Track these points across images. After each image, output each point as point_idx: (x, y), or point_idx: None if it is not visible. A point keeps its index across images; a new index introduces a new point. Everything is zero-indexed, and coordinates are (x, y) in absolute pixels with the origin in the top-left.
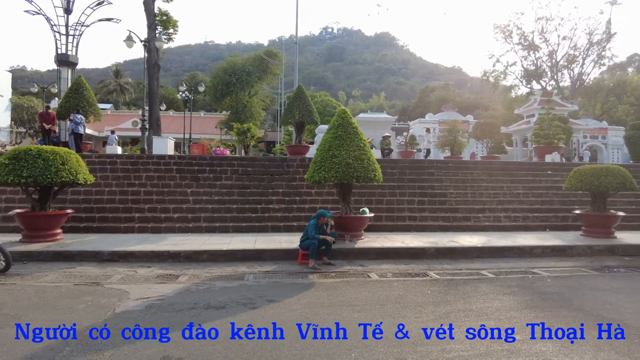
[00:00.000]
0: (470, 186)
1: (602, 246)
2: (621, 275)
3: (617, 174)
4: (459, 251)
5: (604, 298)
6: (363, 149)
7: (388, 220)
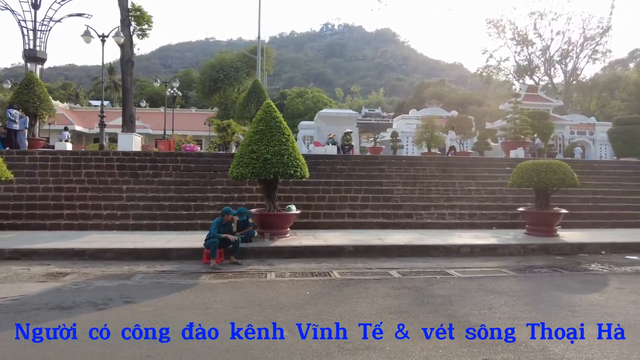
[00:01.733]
0: (420, 182)
1: (536, 245)
2: (536, 277)
3: (558, 170)
4: (379, 249)
5: (490, 302)
6: (285, 144)
7: (326, 218)
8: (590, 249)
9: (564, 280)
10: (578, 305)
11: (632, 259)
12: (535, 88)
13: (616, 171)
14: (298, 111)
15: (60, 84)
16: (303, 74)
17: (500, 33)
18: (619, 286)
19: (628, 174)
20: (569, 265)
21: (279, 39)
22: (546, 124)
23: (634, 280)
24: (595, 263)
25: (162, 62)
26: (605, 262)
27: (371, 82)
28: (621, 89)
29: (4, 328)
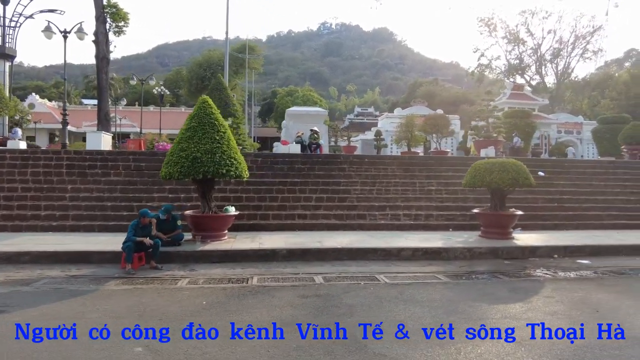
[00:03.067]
0: (379, 182)
1: (484, 249)
2: (468, 284)
3: (510, 169)
4: (315, 253)
5: (397, 313)
6: (218, 142)
7: (275, 219)
8: (542, 252)
9: (495, 288)
10: (491, 318)
11: (582, 263)
12: (521, 86)
13: (586, 171)
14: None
15: (53, 82)
16: (299, 73)
17: (491, 32)
18: (549, 294)
19: (598, 173)
20: (513, 270)
21: (276, 38)
22: (528, 122)
23: (569, 288)
24: (542, 268)
25: (159, 61)
26: (553, 267)
27: (367, 81)
28: (611, 88)
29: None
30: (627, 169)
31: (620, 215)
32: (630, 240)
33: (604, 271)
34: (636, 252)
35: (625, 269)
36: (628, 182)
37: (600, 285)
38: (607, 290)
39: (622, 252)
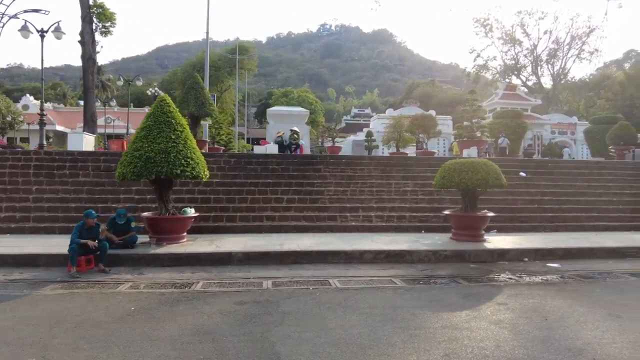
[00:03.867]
0: (354, 183)
1: (450, 252)
2: (422, 289)
3: (480, 169)
4: (273, 256)
5: (330, 322)
6: (174, 141)
7: (243, 221)
8: (512, 255)
9: (449, 293)
10: (429, 327)
11: (551, 267)
12: (513, 87)
13: (570, 171)
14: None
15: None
16: (299, 75)
17: (487, 32)
18: (502, 301)
19: (583, 174)
20: (476, 274)
21: (276, 40)
22: (519, 122)
23: (527, 294)
24: (508, 272)
25: (158, 63)
26: (519, 271)
27: (367, 83)
28: (607, 88)
29: None
30: (612, 170)
31: (601, 217)
32: (606, 242)
33: (571, 275)
34: (610, 254)
35: (594, 272)
36: (612, 183)
37: (560, 290)
38: (565, 296)
39: (596, 255)
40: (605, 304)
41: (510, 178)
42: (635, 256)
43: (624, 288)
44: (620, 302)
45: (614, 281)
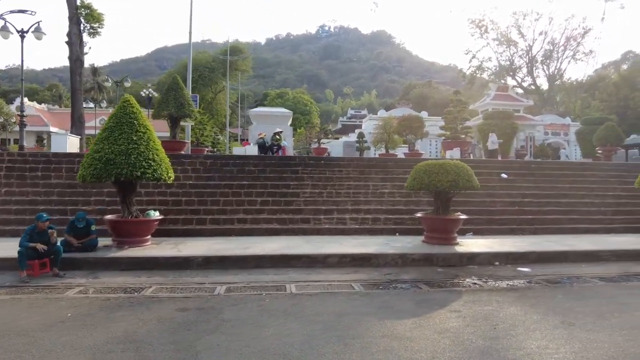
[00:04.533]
0: (332, 185)
1: (418, 255)
2: (379, 294)
3: (451, 171)
4: (234, 260)
5: (258, 331)
6: (136, 142)
7: (213, 224)
8: (482, 259)
9: (403, 300)
10: (368, 336)
11: (521, 271)
12: (506, 87)
13: (553, 173)
14: None
15: (48, 85)
16: (297, 76)
17: (482, 33)
18: (457, 308)
19: (566, 175)
20: (440, 279)
21: (275, 41)
22: (509, 123)
23: (485, 300)
24: (474, 277)
25: (157, 64)
26: (486, 276)
27: (365, 84)
28: (601, 89)
29: None
30: (596, 171)
31: (582, 219)
32: (581, 245)
33: (538, 280)
34: (584, 258)
35: (563, 277)
36: (595, 184)
37: (521, 297)
38: (524, 302)
39: (569, 258)
40: (562, 310)
41: (491, 180)
42: (609, 259)
43: (588, 294)
44: (578, 309)
45: (581, 286)
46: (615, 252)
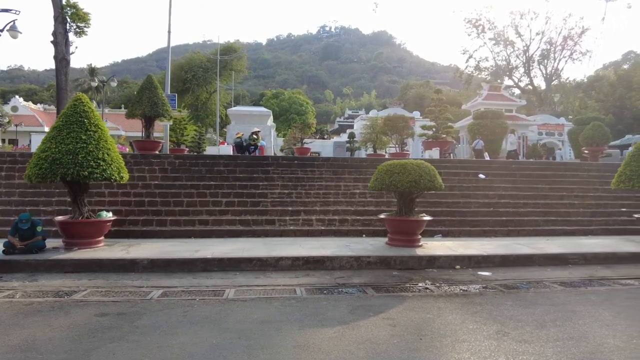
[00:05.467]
0: (302, 185)
1: (374, 258)
2: (319, 299)
3: (412, 171)
4: (179, 263)
5: (169, 335)
6: (85, 142)
7: (173, 225)
8: (442, 262)
9: (337, 306)
10: (277, 347)
11: (481, 275)
12: (498, 87)
13: (534, 173)
14: (274, 113)
15: (47, 86)
16: (297, 76)
17: (479, 33)
18: (391, 316)
19: (547, 176)
20: (392, 283)
21: (276, 42)
22: (498, 123)
23: (427, 307)
24: (427, 281)
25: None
26: (442, 280)
27: (365, 85)
28: (597, 89)
29: None
30: (579, 172)
31: (559, 221)
32: (550, 248)
33: (495, 285)
34: (551, 261)
35: (523, 282)
36: (575, 185)
37: (468, 303)
38: (467, 310)
39: (535, 262)
40: (503, 319)
41: (468, 180)
42: (577, 263)
43: (540, 300)
44: (521, 317)
45: (537, 292)
46: (584, 255)
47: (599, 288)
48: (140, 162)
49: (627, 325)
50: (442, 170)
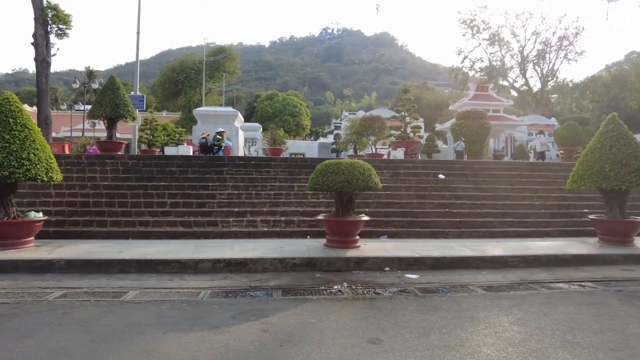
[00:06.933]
0: (254, 186)
1: (299, 260)
2: (207, 304)
3: (345, 171)
4: (97, 264)
5: (26, 337)
6: (8, 142)
7: (114, 226)
8: (371, 264)
9: (227, 309)
10: (123, 351)
11: (407, 278)
12: (485, 87)
13: (498, 173)
14: (267, 114)
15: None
16: (298, 78)
17: (474, 34)
18: (270, 322)
19: (512, 176)
20: (308, 286)
21: (279, 44)
22: (481, 123)
23: (321, 311)
24: (345, 283)
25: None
26: (362, 282)
27: (366, 86)
28: (592, 90)
29: None
30: (545, 172)
31: (515, 222)
32: (493, 251)
33: (414, 288)
34: (489, 264)
35: (447, 285)
36: (540, 185)
37: (367, 307)
38: (361, 315)
39: (471, 264)
40: (388, 326)
41: (427, 180)
42: (516, 266)
43: (446, 305)
44: (409, 324)
45: (452, 296)
46: (525, 258)
47: (521, 292)
48: (94, 163)
49: (516, 332)
50: (402, 171)
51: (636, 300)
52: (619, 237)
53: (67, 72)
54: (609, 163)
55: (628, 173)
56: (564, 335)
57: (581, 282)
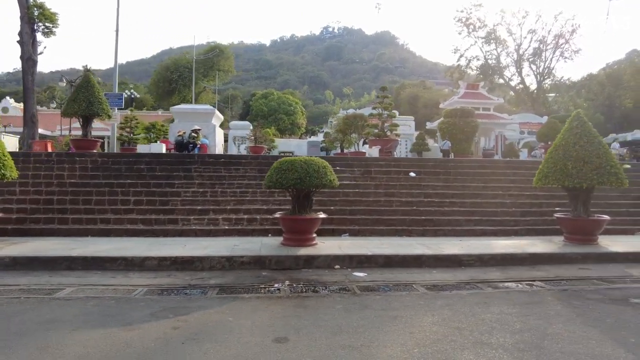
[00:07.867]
0: (221, 184)
1: (247, 258)
2: (137, 300)
3: (298, 168)
4: (43, 261)
5: None
6: None
7: (75, 223)
8: (321, 262)
9: (148, 307)
10: (18, 348)
11: (354, 276)
12: (476, 85)
13: (471, 172)
14: (262, 112)
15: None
16: (298, 77)
17: (470, 32)
18: (184, 320)
19: (485, 174)
20: (248, 284)
21: (279, 43)
22: (468, 122)
23: (245, 309)
24: (288, 282)
25: None
26: (305, 281)
27: (366, 85)
28: (587, 88)
29: None
30: (520, 169)
31: (483, 221)
32: (450, 249)
33: (356, 286)
34: (443, 263)
35: (391, 284)
36: (514, 183)
37: (296, 305)
38: (284, 313)
39: (424, 263)
40: (304, 325)
41: (397, 178)
42: (471, 265)
43: (376, 305)
44: (326, 323)
45: (390, 295)
46: (481, 257)
47: (462, 292)
48: (63, 161)
49: (432, 332)
50: (374, 169)
51: (575, 299)
52: (583, 235)
53: (67, 71)
54: (571, 160)
55: (590, 171)
56: (481, 336)
57: (531, 282)
